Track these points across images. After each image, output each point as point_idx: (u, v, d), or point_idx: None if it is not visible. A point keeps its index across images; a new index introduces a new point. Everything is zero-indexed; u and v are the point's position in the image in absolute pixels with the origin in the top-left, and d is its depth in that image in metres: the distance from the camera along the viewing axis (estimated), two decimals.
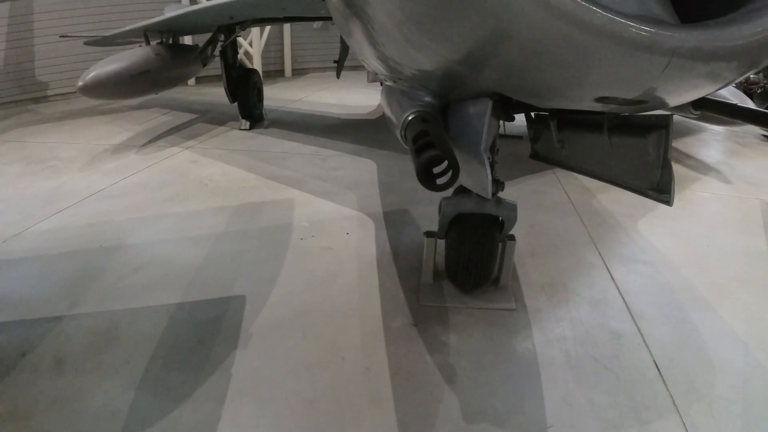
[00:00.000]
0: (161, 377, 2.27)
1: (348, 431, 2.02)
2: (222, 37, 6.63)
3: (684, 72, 1.12)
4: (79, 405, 2.09)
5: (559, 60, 1.21)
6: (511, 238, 2.81)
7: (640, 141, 2.07)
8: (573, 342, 2.56)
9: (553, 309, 2.84)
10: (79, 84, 5.05)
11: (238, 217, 4.05)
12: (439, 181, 1.65)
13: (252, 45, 11.25)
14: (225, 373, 2.29)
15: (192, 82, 10.66)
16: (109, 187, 4.70)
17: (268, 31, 11.55)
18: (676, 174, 2.08)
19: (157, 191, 4.60)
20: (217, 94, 8.43)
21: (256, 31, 11.08)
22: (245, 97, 7.00)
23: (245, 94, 6.99)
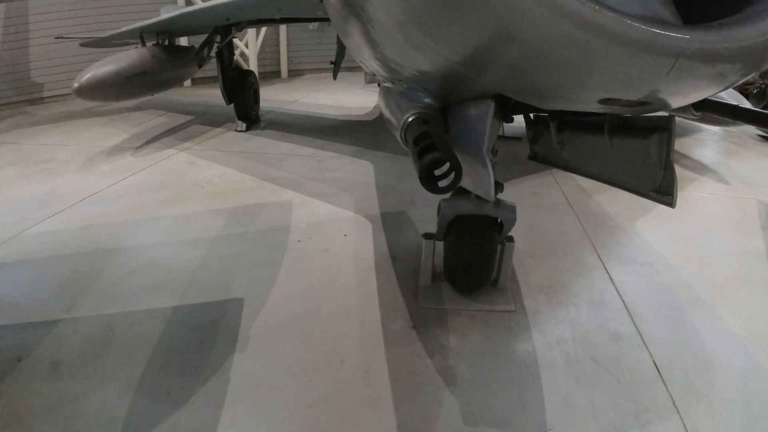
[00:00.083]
0: (158, 381, 2.25)
1: None
2: (218, 39, 6.61)
3: (689, 73, 1.11)
4: (76, 410, 2.07)
5: (564, 61, 1.19)
6: (510, 240, 2.81)
7: (641, 142, 2.06)
8: (572, 343, 2.55)
9: (552, 310, 2.84)
10: (75, 86, 5.03)
11: (235, 219, 4.03)
12: (441, 183, 1.63)
13: (248, 46, 11.25)
14: (223, 377, 2.27)
15: (188, 83, 10.65)
16: (105, 190, 4.67)
17: (264, 32, 11.55)
18: None
19: (153, 193, 4.58)
20: (213, 95, 8.41)
21: (252, 32, 11.07)
22: (241, 99, 6.99)
23: (241, 96, 6.98)
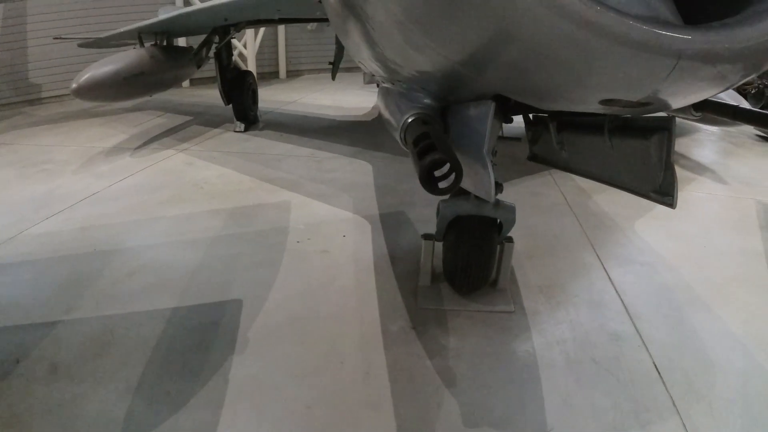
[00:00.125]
0: (157, 383, 2.24)
1: None
2: (216, 39, 6.61)
3: (691, 74, 1.11)
4: (75, 412, 2.07)
5: (565, 61, 1.19)
6: (509, 240, 2.81)
7: (641, 143, 2.06)
8: (572, 344, 2.55)
9: (551, 311, 2.83)
10: (73, 86, 5.01)
11: (234, 219, 4.03)
12: (441, 184, 1.63)
13: (246, 47, 11.24)
14: (222, 379, 2.27)
15: (186, 84, 10.64)
16: (103, 190, 4.66)
17: (262, 32, 11.54)
18: None
19: (152, 194, 4.57)
20: (211, 96, 8.41)
21: (250, 32, 11.07)
22: (240, 99, 6.99)
23: (240, 96, 6.98)
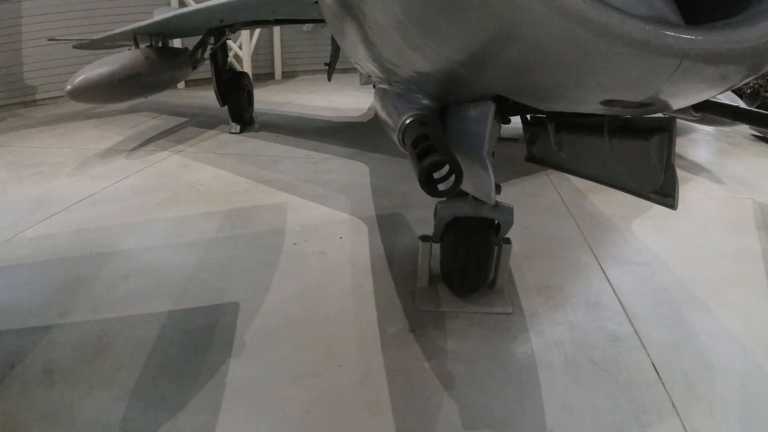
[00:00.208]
0: (154, 387, 2.22)
1: None
2: (212, 40, 6.59)
3: (693, 74, 1.10)
4: (71, 417, 2.05)
5: (566, 61, 1.18)
6: (506, 242, 2.80)
7: (642, 144, 2.05)
8: (571, 345, 2.55)
9: (549, 312, 2.83)
10: (68, 88, 4.97)
11: (230, 222, 4.01)
12: (440, 186, 1.61)
13: (242, 48, 11.21)
14: (220, 382, 2.25)
15: (182, 85, 10.59)
16: (98, 192, 4.64)
17: (258, 33, 11.51)
18: None
19: (147, 196, 4.54)
20: (207, 97, 8.37)
21: (245, 33, 11.03)
22: (235, 101, 6.96)
23: (235, 98, 6.96)
